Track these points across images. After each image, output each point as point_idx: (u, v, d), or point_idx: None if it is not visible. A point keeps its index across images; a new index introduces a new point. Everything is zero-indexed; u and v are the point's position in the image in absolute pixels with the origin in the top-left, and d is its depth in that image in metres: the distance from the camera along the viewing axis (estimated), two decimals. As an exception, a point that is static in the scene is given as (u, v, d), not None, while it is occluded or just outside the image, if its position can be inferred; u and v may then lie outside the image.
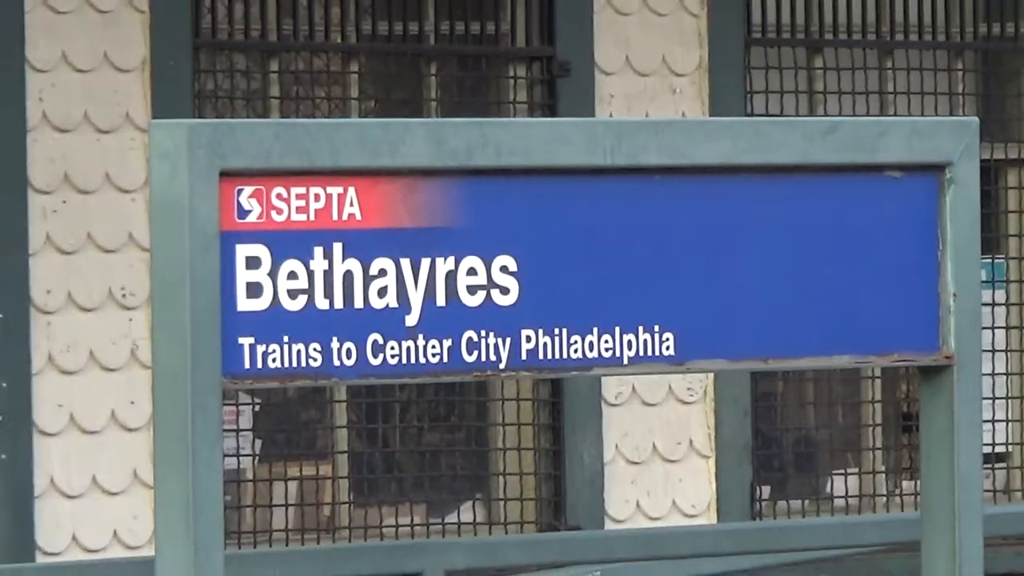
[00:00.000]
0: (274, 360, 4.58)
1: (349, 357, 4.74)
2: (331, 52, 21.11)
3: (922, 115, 21.85)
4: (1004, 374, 21.91)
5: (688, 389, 19.80)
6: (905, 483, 21.70)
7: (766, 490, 20.58)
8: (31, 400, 17.49)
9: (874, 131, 5.36)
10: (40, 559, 17.18)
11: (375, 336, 4.70)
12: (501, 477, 20.23)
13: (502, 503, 20.05)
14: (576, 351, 5.23)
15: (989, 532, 6.63)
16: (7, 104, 18.35)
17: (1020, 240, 22.68)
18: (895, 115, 21.55)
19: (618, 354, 5.27)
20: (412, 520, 19.56)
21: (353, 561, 13.91)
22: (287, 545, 18.51)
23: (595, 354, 5.21)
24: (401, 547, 16.71)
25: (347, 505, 19.36)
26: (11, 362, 17.88)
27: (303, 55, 20.91)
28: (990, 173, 21.90)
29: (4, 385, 17.37)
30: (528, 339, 5.13)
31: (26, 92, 18.45)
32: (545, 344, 5.21)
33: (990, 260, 21.44)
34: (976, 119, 5.76)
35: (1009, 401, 21.77)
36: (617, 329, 5.27)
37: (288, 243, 4.49)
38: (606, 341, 5.21)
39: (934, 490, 5.55)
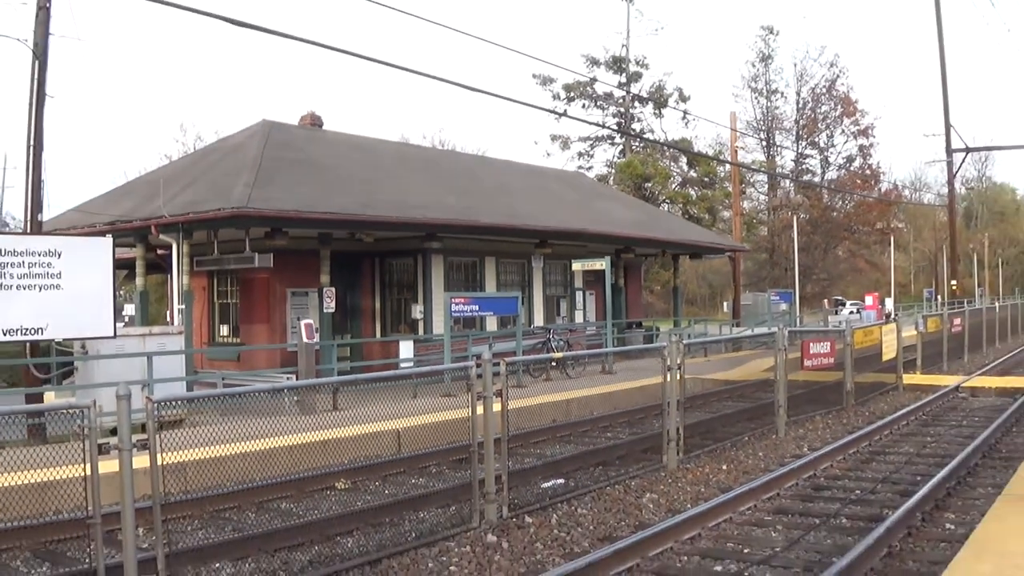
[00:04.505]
0: (456, 315, 29.01)
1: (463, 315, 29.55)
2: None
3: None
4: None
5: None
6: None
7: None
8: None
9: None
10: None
11: (465, 313, 29.36)
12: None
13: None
14: (484, 317, 30.67)
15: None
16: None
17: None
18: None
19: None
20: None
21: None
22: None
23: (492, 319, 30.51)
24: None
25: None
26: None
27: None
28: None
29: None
30: (483, 317, 30.43)
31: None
32: (483, 317, 30.81)
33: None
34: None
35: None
36: (490, 312, 30.70)
37: (458, 305, 28.40)
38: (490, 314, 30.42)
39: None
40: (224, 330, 33.42)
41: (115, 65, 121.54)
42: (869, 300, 65.46)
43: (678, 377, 16.76)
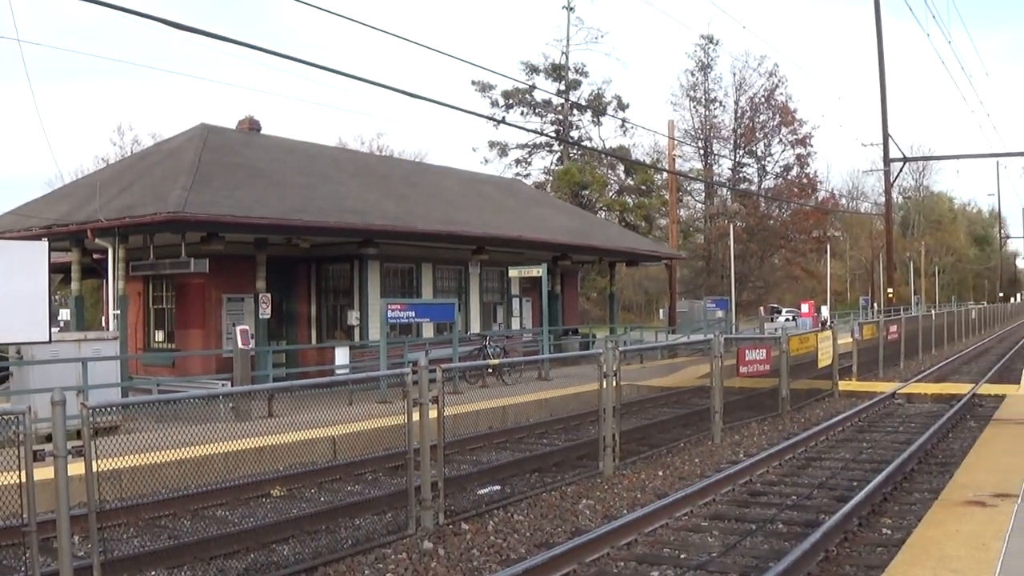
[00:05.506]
0: (392, 321, 28.66)
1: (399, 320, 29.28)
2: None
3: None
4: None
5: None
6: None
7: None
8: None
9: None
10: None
11: (402, 319, 29.08)
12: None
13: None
14: (421, 323, 30.28)
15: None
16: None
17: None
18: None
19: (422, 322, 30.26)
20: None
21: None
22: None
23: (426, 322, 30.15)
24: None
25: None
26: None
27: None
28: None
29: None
30: (419, 323, 30.03)
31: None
32: (420, 323, 30.39)
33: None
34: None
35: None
36: (426, 318, 30.28)
37: (395, 311, 28.24)
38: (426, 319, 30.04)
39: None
40: (159, 336, 33.14)
41: (53, 65, 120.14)
42: (805, 308, 65.92)
43: (614, 384, 16.81)
